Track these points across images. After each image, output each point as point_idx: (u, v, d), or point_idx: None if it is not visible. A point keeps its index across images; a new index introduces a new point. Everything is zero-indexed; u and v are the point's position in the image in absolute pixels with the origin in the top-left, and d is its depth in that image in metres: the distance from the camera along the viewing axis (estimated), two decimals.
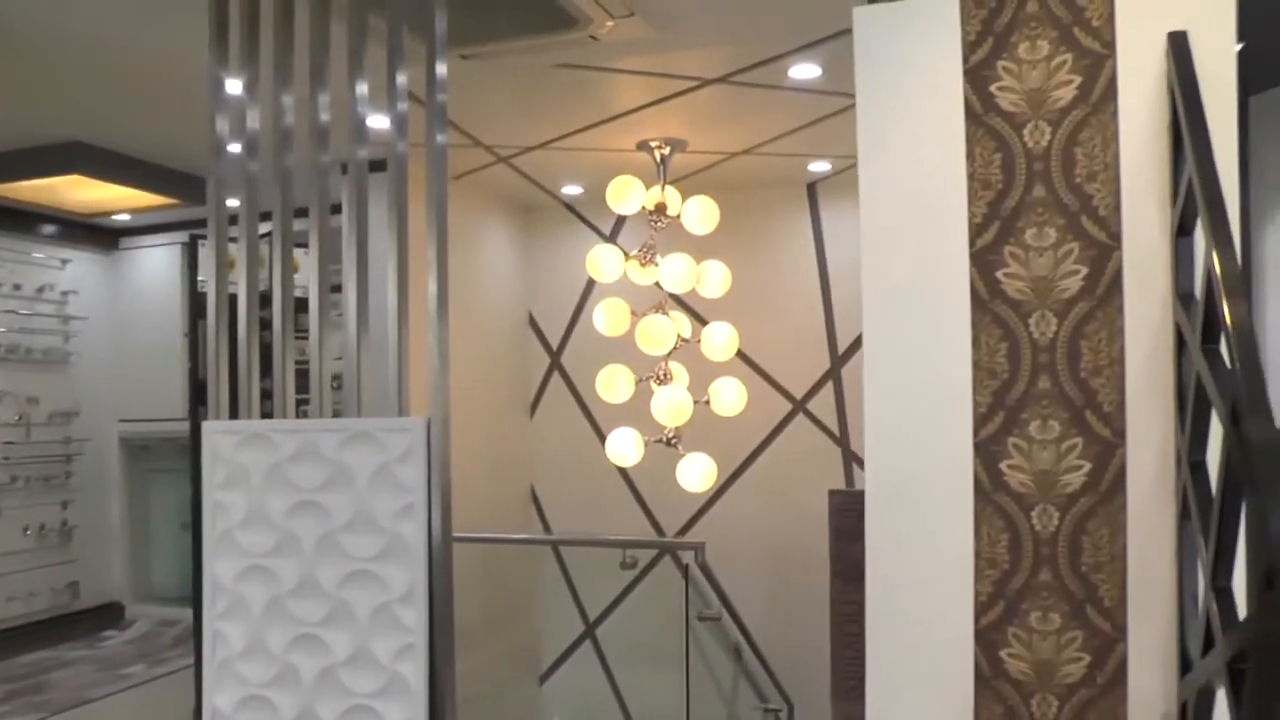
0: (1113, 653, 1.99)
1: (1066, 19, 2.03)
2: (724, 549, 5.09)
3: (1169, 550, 1.96)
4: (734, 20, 3.29)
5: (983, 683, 2.05)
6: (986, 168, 2.05)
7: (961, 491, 2.04)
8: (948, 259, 2.06)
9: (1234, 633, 1.63)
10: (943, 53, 2.08)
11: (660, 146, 4.56)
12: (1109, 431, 1.98)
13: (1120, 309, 1.97)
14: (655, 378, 4.56)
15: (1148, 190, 1.97)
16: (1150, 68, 1.98)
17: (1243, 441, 1.57)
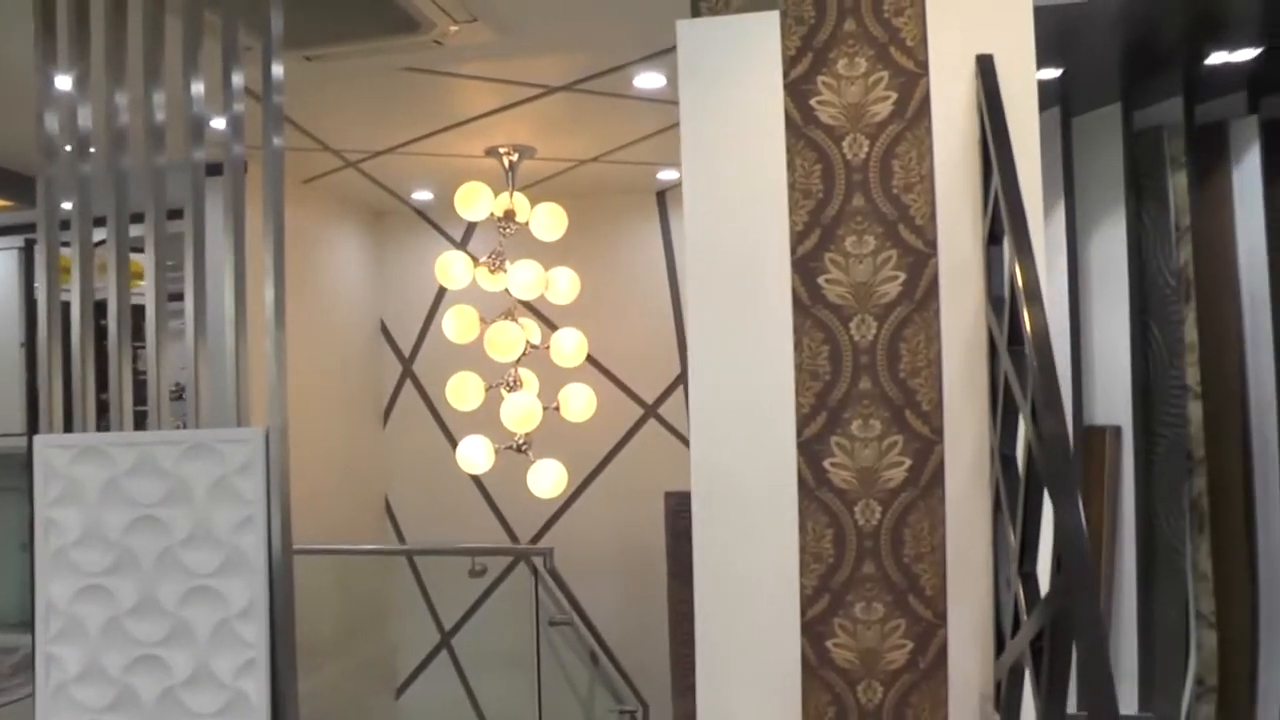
0: (934, 639, 2.10)
1: (883, 38, 2.14)
2: (578, 553, 5.12)
3: (985, 540, 2.09)
4: (577, 29, 3.33)
5: (810, 673, 2.14)
6: (807, 178, 2.14)
7: (786, 490, 2.12)
8: (770, 266, 2.14)
9: (1034, 614, 1.75)
10: (764, 67, 2.16)
11: (509, 153, 4.57)
12: (928, 429, 2.09)
13: (937, 313, 2.09)
14: (505, 384, 4.55)
15: (961, 201, 2.10)
16: (961, 87, 2.11)
17: (1039, 436, 1.69)
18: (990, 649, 2.10)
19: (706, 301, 2.16)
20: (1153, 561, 4.24)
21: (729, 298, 2.16)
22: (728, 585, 2.15)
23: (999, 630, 2.08)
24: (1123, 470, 4.26)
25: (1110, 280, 4.32)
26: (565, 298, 4.59)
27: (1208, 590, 4.11)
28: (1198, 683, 4.12)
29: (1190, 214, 4.17)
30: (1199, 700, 4.12)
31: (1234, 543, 4.13)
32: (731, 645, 2.15)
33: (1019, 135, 2.02)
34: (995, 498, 2.06)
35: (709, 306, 2.16)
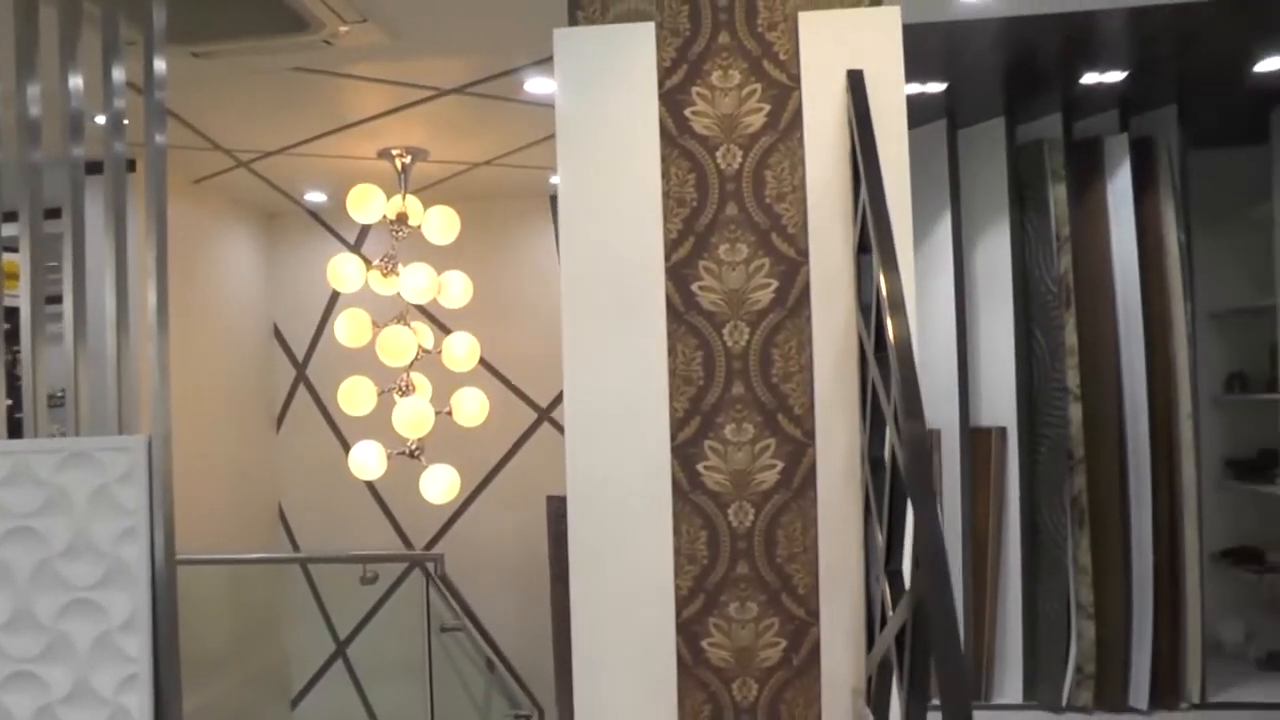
0: (807, 636, 2.15)
1: (756, 51, 2.17)
2: (472, 559, 5.09)
3: (856, 539, 2.14)
4: (466, 32, 3.31)
5: (686, 672, 2.16)
6: (682, 186, 2.17)
7: (660, 493, 2.14)
8: (645, 273, 2.16)
9: (898, 610, 1.80)
10: (640, 76, 2.18)
11: (401, 155, 4.52)
12: (800, 432, 2.14)
13: (809, 320, 2.14)
14: (398, 389, 4.50)
15: (832, 211, 2.15)
16: (832, 100, 2.16)
17: (902, 439, 1.74)
18: (862, 645, 2.15)
19: (582, 307, 2.17)
20: (1036, 556, 4.40)
21: (604, 304, 2.17)
22: (603, 587, 2.16)
23: (869, 627, 2.13)
24: (1008, 469, 4.41)
25: (995, 287, 4.47)
26: (458, 301, 4.56)
27: (1087, 583, 4.28)
28: (1077, 670, 4.29)
29: (1070, 224, 4.34)
30: (1078, 687, 4.29)
31: (1111, 537, 4.31)
32: (608, 646, 2.17)
33: (888, 148, 2.08)
34: (865, 499, 2.11)
35: (584, 312, 2.17)
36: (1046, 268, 4.33)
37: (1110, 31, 3.72)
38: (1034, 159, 4.40)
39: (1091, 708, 4.28)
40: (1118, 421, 4.29)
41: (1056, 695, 4.29)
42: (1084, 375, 4.28)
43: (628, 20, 2.22)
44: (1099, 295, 4.33)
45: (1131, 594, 4.27)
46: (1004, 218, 4.43)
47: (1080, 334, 4.30)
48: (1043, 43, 3.81)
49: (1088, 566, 4.28)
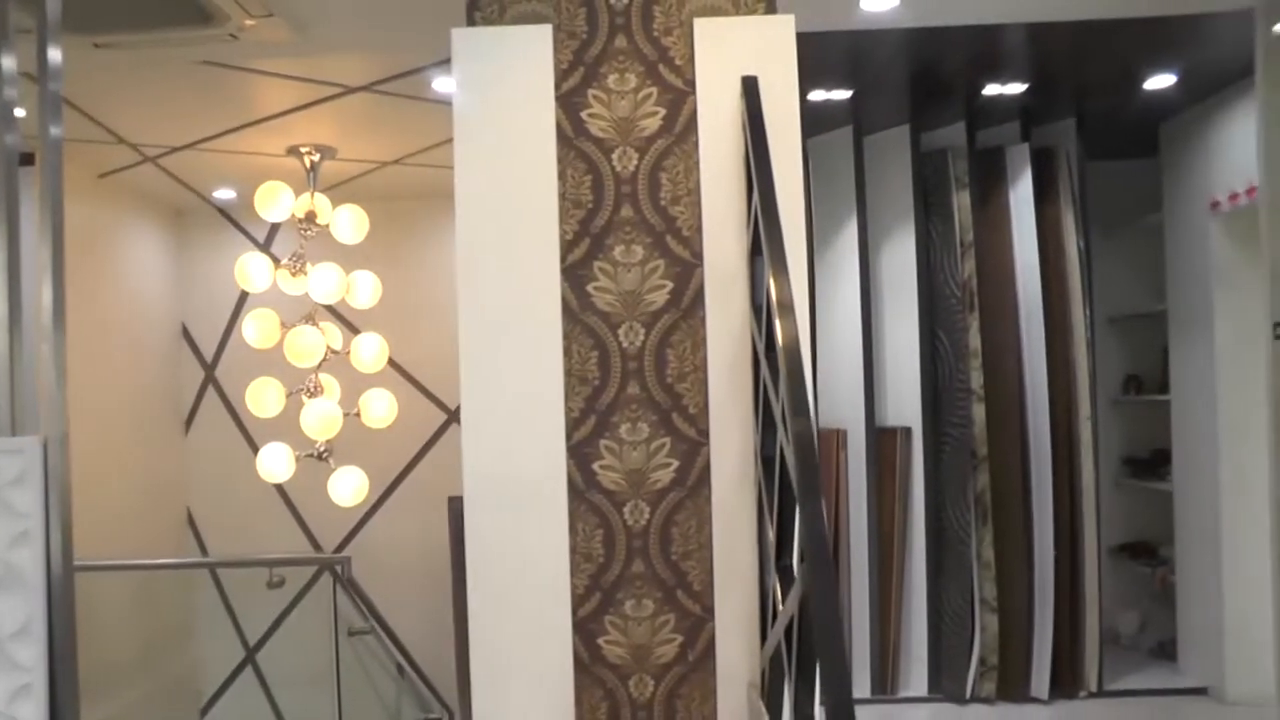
0: (702, 632, 2.18)
1: (652, 56, 2.20)
2: (384, 561, 5.04)
3: (750, 536, 2.18)
4: (372, 30, 3.28)
5: (583, 670, 2.18)
6: (578, 188, 2.19)
7: (556, 492, 2.16)
8: (541, 273, 2.17)
9: (786, 605, 1.84)
10: (536, 78, 2.20)
11: (310, 152, 4.46)
12: (694, 431, 2.17)
13: (703, 321, 2.17)
14: (306, 390, 4.43)
15: (726, 214, 2.18)
16: (727, 105, 2.19)
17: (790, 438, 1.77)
18: (757, 639, 2.19)
19: (477, 308, 2.18)
20: (941, 552, 4.51)
21: (499, 304, 2.17)
22: (500, 587, 2.17)
23: (763, 621, 2.17)
24: (913, 468, 4.52)
25: (901, 290, 4.57)
26: (367, 302, 4.51)
27: (990, 577, 4.41)
28: (981, 662, 4.41)
29: (973, 230, 4.47)
30: (982, 679, 4.41)
31: (1013, 533, 4.44)
32: (505, 646, 2.17)
33: (782, 153, 2.11)
34: (759, 496, 2.15)
35: (480, 313, 2.18)
36: (951, 272, 4.44)
37: (1011, 45, 3.85)
38: (938, 166, 4.51)
39: (994, 698, 4.40)
40: (1019, 421, 4.43)
41: (961, 687, 4.41)
42: (987, 376, 4.41)
43: (525, 22, 2.23)
44: (1001, 299, 4.46)
45: (1033, 588, 4.40)
46: (909, 223, 4.53)
47: (983, 337, 4.42)
48: (946, 54, 3.91)
49: (991, 562, 4.40)
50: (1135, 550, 5.29)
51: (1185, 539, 4.74)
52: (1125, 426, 5.42)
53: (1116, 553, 5.32)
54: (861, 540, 4.45)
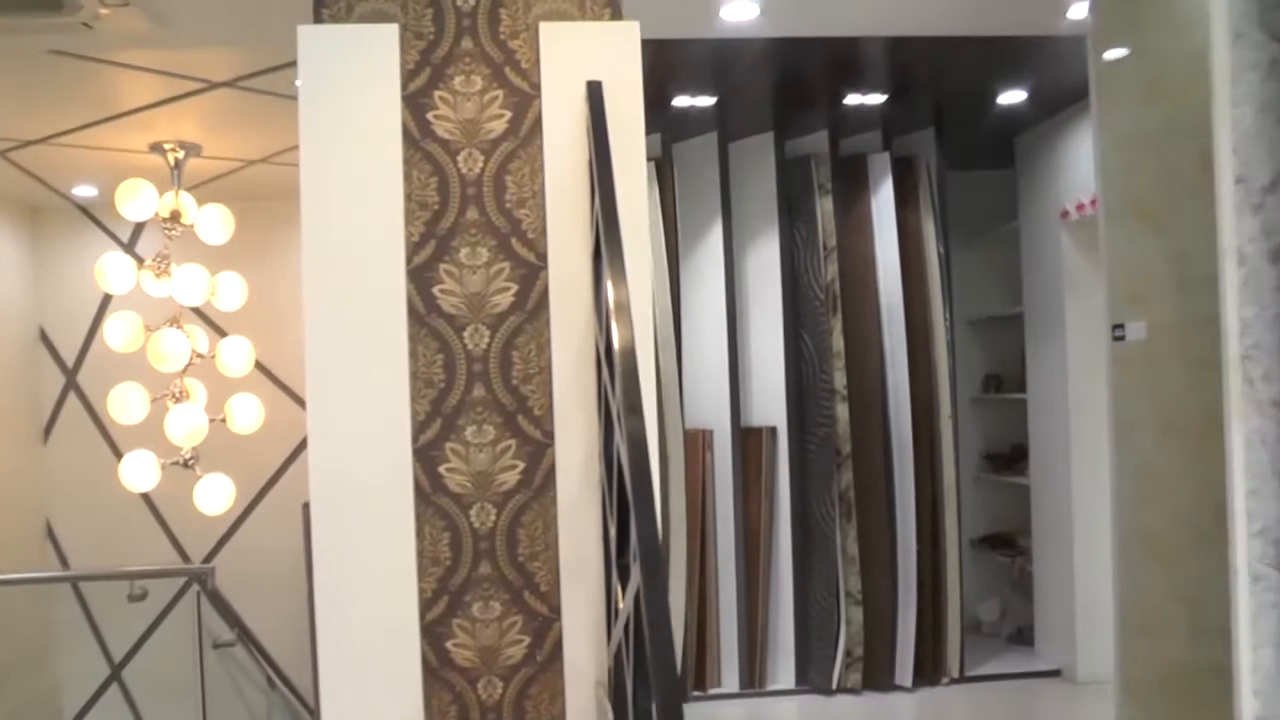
0: (550, 632, 2.20)
1: (499, 59, 2.22)
2: (254, 570, 4.92)
3: (595, 536, 2.21)
4: (230, 24, 3.21)
5: (431, 674, 2.18)
6: (424, 190, 2.19)
7: (403, 496, 2.16)
8: (386, 275, 2.17)
9: (625, 604, 1.88)
10: (383, 78, 2.19)
11: (174, 149, 4.33)
12: (540, 433, 2.19)
13: (548, 323, 2.19)
14: (171, 396, 4.30)
15: (571, 217, 2.21)
16: (572, 109, 2.22)
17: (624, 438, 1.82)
18: (604, 638, 2.23)
19: (323, 309, 2.16)
20: (807, 548, 4.64)
21: (345, 306, 2.16)
22: (346, 592, 2.15)
23: (609, 620, 2.20)
24: (779, 466, 4.64)
25: (766, 293, 4.69)
26: (233, 304, 4.40)
27: (855, 571, 4.55)
28: (847, 654, 4.55)
29: (836, 235, 4.61)
30: (848, 670, 4.56)
31: (877, 528, 4.59)
32: (352, 651, 2.16)
33: (625, 157, 2.15)
34: (603, 497, 2.18)
35: (326, 314, 2.16)
36: (814, 275, 4.58)
37: (870, 57, 3.98)
38: (802, 172, 4.64)
39: (860, 688, 4.55)
40: (882, 420, 4.58)
41: (827, 679, 4.54)
42: (850, 377, 4.55)
43: (372, 21, 2.22)
44: (864, 302, 4.61)
45: (897, 580, 4.56)
46: (774, 227, 4.65)
47: (846, 338, 4.57)
48: (807, 64, 4.03)
49: (855, 556, 4.54)
50: (995, 542, 5.52)
51: (1041, 530, 4.97)
52: (986, 424, 5.66)
53: (978, 544, 5.55)
54: (729, 538, 4.54)
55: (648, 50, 3.57)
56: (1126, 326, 3.08)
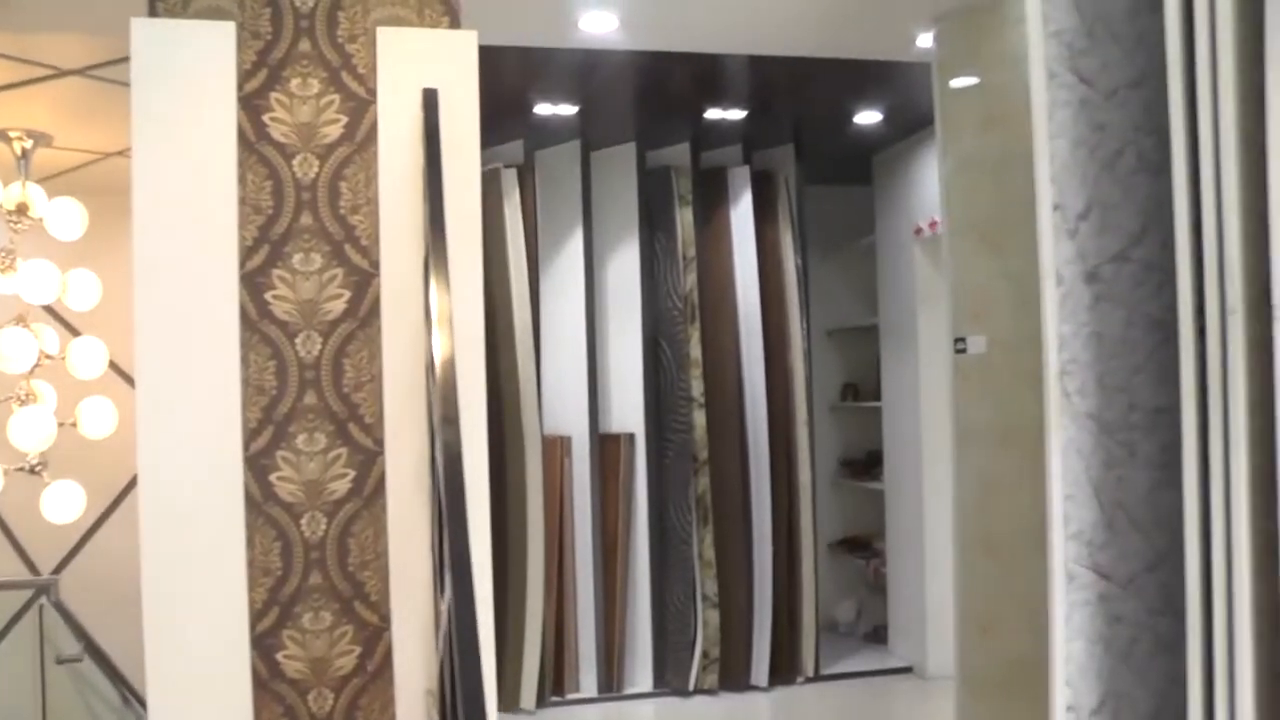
0: (380, 642, 2.20)
1: (336, 62, 2.21)
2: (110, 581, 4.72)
3: (425, 544, 2.22)
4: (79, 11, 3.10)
5: (261, 686, 2.15)
6: (258, 193, 2.17)
7: (233, 505, 2.13)
8: (219, 279, 2.14)
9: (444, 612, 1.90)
10: (218, 77, 2.16)
11: (20, 138, 4.14)
12: (371, 441, 2.19)
13: (380, 330, 2.19)
14: (16, 398, 4.11)
15: (404, 225, 2.21)
16: (407, 116, 2.22)
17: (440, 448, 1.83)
18: (434, 647, 2.24)
19: (153, 313, 2.11)
20: (664, 553, 4.72)
21: (176, 311, 2.12)
22: (176, 603, 2.11)
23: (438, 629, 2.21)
24: (636, 472, 4.71)
25: (625, 301, 4.76)
26: (86, 303, 4.23)
27: (711, 575, 4.66)
28: (703, 656, 4.65)
29: (695, 245, 4.71)
30: (705, 672, 4.66)
31: (733, 533, 4.71)
32: (180, 664, 2.12)
33: (459, 167, 2.17)
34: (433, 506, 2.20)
35: (155, 318, 2.11)
36: (673, 285, 4.67)
37: (729, 73, 4.09)
38: (663, 183, 4.73)
39: (717, 689, 4.66)
40: (739, 427, 4.70)
41: (684, 681, 4.63)
42: (707, 385, 4.66)
43: (208, 18, 2.19)
44: (722, 311, 4.73)
45: (753, 583, 4.68)
46: (634, 236, 4.73)
47: (704, 347, 4.67)
48: (669, 77, 4.11)
49: (712, 560, 4.65)
50: (852, 545, 5.72)
51: (894, 533, 5.17)
52: (844, 430, 5.86)
53: (835, 547, 5.74)
54: (586, 543, 4.59)
55: (510, 57, 3.62)
56: (968, 340, 3.23)
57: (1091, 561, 2.12)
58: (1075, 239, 2.14)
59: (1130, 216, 2.13)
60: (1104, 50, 2.14)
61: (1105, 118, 2.14)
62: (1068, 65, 2.14)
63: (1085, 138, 2.14)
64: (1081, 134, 2.14)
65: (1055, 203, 2.12)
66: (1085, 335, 2.13)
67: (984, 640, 3.19)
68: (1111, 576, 2.12)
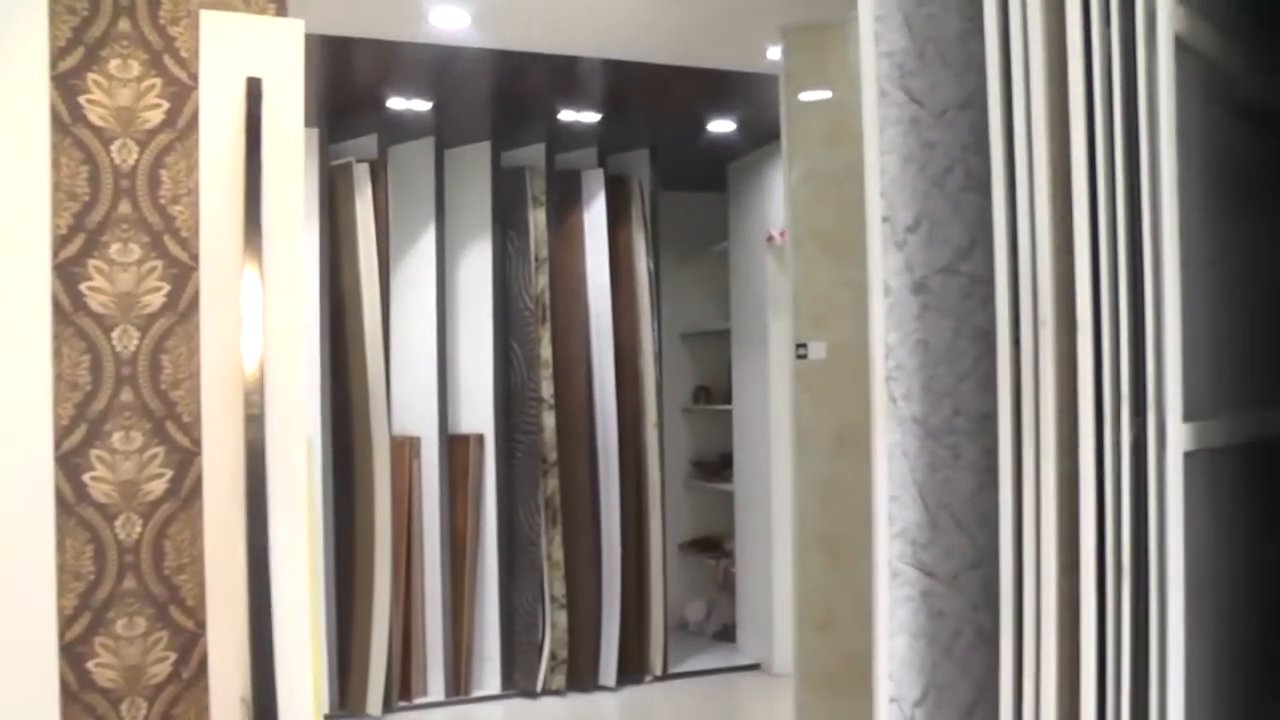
0: (196, 648, 2.11)
1: (158, 44, 2.10)
2: None
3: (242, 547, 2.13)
4: None
5: (71, 697, 2.04)
6: (73, 179, 2.05)
7: (43, 506, 2.01)
8: (29, 269, 2.01)
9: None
10: (28, 55, 2.03)
11: None
12: (189, 441, 2.09)
13: (199, 326, 2.09)
14: None
15: (225, 217, 2.10)
16: (231, 104, 2.10)
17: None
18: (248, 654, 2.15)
19: None
20: (513, 554, 4.69)
21: None
22: None
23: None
24: (486, 473, 4.66)
25: (477, 301, 4.70)
26: None
27: (560, 576, 4.64)
28: (551, 657, 4.63)
29: (548, 247, 4.70)
30: (553, 673, 4.64)
31: (582, 534, 4.71)
32: None
33: (282, 158, 2.08)
34: None
35: None
36: (525, 285, 4.64)
37: (583, 76, 4.08)
38: (517, 184, 4.70)
39: (565, 690, 4.65)
40: (589, 428, 4.71)
41: (532, 682, 4.61)
42: (558, 386, 4.65)
43: None
44: (573, 313, 4.73)
45: (601, 584, 4.70)
46: (487, 236, 4.68)
47: (555, 348, 4.66)
48: (524, 77, 4.08)
49: (560, 561, 4.64)
50: (702, 545, 5.81)
51: (744, 534, 5.27)
52: (696, 433, 5.95)
53: (686, 547, 5.82)
54: (435, 545, 4.52)
55: (362, 49, 3.52)
56: (809, 346, 3.32)
57: (916, 560, 2.21)
58: (904, 251, 2.22)
59: (958, 231, 2.23)
60: (934, 72, 2.24)
61: (935, 136, 2.24)
62: (899, 84, 2.23)
63: (915, 154, 2.23)
64: (911, 150, 2.23)
65: (884, 215, 2.21)
66: (912, 343, 2.22)
67: (822, 637, 3.29)
68: (935, 574, 2.21)
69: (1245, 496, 1.80)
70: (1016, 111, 1.78)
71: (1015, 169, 1.80)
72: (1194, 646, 1.55)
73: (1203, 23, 1.64)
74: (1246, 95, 1.77)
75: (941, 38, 2.24)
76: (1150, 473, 1.58)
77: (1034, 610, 1.75)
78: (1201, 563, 1.62)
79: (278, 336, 2.02)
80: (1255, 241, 1.61)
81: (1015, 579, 1.79)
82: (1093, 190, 1.66)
